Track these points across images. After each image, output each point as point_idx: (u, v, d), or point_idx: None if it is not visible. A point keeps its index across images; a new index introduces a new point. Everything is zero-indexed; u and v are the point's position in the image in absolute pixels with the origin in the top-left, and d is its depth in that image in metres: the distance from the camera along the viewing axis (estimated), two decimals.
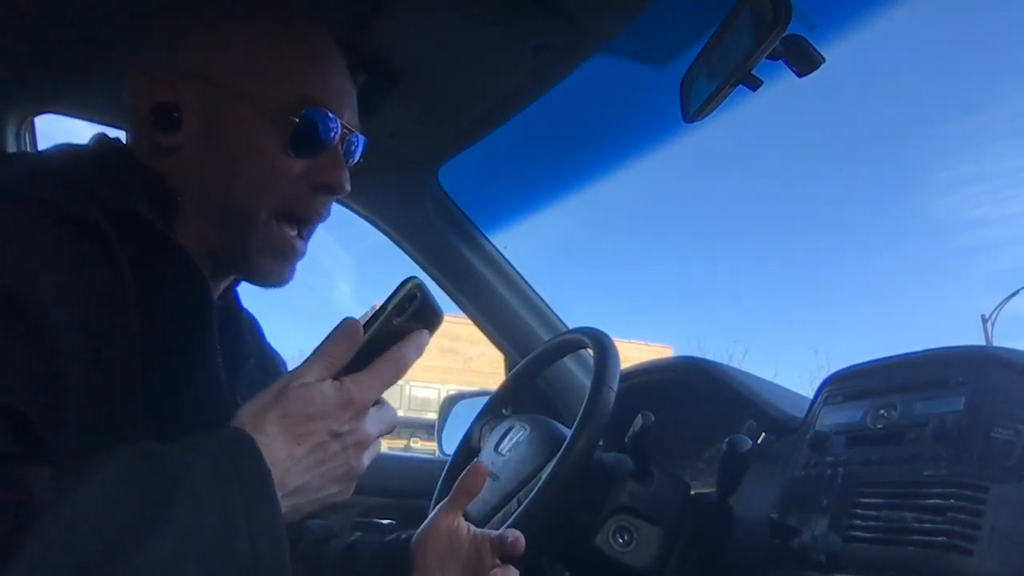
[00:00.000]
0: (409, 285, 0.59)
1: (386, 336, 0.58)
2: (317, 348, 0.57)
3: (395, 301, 0.58)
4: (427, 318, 0.60)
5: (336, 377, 0.56)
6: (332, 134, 0.70)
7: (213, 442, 0.49)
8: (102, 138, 0.69)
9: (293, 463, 0.52)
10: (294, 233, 0.71)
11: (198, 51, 0.68)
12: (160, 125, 0.67)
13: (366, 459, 0.58)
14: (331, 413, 0.54)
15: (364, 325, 0.58)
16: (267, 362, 0.80)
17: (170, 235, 0.62)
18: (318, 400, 0.54)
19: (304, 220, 0.71)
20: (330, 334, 0.57)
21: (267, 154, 0.67)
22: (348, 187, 0.72)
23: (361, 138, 0.75)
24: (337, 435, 0.55)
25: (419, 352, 0.59)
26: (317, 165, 0.69)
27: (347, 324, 0.57)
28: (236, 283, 0.76)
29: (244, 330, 0.78)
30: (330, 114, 0.69)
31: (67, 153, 0.66)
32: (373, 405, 0.58)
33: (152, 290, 0.58)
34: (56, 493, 0.42)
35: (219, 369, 0.64)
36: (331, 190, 0.71)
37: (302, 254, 0.72)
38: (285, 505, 0.51)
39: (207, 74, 0.67)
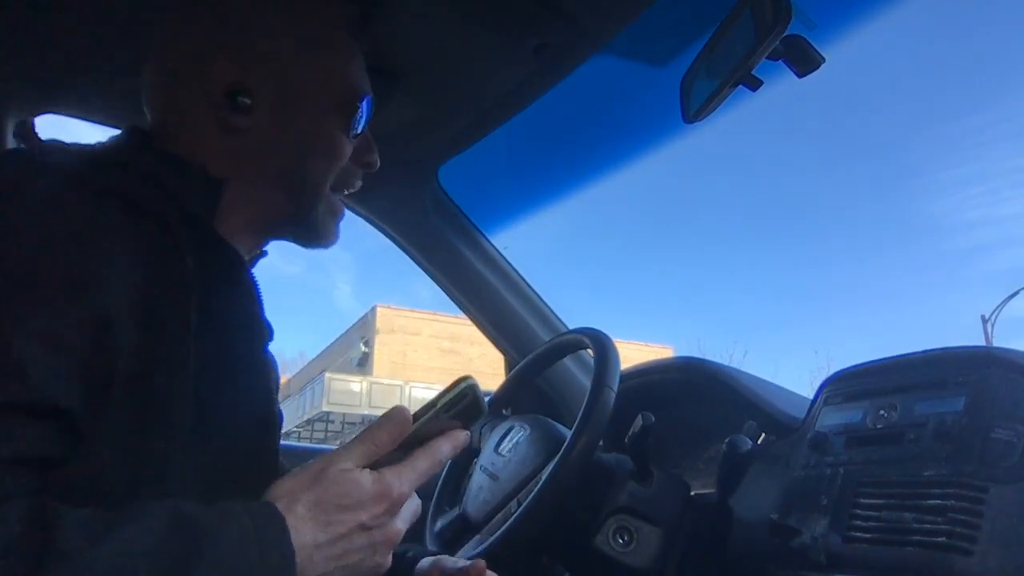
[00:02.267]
0: (464, 386, 0.60)
1: (427, 430, 0.59)
2: (363, 432, 0.57)
3: (448, 399, 0.60)
4: (470, 416, 0.61)
5: (374, 465, 0.56)
6: (368, 118, 0.77)
7: (245, 515, 0.49)
8: (137, 130, 0.70)
9: (316, 550, 0.52)
10: (339, 198, 0.79)
11: (265, 33, 0.70)
12: (231, 106, 0.68)
13: (391, 555, 0.57)
14: (365, 505, 0.54)
15: (413, 416, 0.58)
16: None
17: (219, 233, 0.65)
18: (354, 490, 0.53)
19: (342, 190, 0.79)
20: (378, 420, 0.58)
21: (334, 136, 0.73)
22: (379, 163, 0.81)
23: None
24: (366, 528, 0.54)
25: (456, 450, 0.60)
26: (360, 144, 0.78)
27: (397, 412, 0.57)
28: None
29: None
30: (369, 101, 0.77)
31: (117, 145, 0.67)
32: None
33: (207, 285, 0.59)
34: (82, 540, 0.42)
35: (270, 373, 0.68)
36: (371, 166, 0.80)
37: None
38: None
39: (279, 57, 0.70)
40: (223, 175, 0.68)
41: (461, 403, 0.60)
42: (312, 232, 0.76)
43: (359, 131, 0.76)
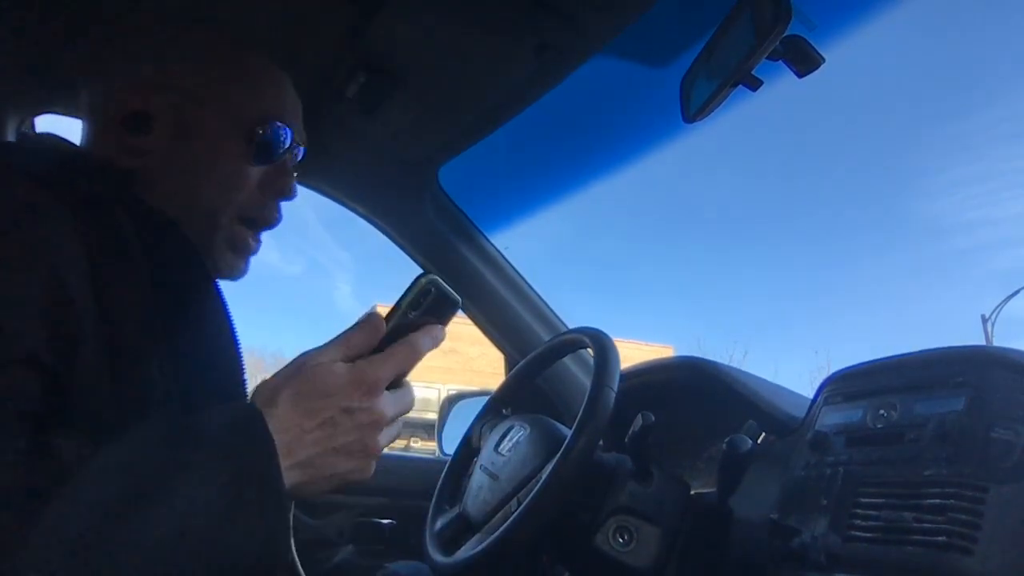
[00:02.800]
0: (423, 281, 0.62)
1: (404, 329, 0.61)
2: (338, 335, 0.60)
3: (409, 297, 0.62)
4: (443, 311, 0.64)
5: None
6: (286, 147, 0.78)
7: (225, 413, 0.54)
8: (46, 135, 0.75)
9: (304, 433, 0.55)
10: (251, 233, 0.79)
11: (170, 63, 0.74)
12: (131, 129, 0.72)
13: (383, 438, 0.60)
14: (343, 390, 0.56)
15: (384, 318, 0.61)
16: None
17: (156, 207, 0.68)
18: (330, 378, 0.56)
19: (259, 223, 0.80)
20: (353, 325, 0.60)
21: (233, 162, 0.75)
22: (296, 193, 0.81)
23: (302, 149, 0.83)
24: (349, 411, 0.56)
25: (435, 343, 0.62)
26: (271, 173, 0.78)
27: (371, 316, 0.61)
28: None
29: None
30: (286, 128, 0.78)
31: (36, 143, 0.73)
32: (393, 388, 0.60)
33: (154, 254, 0.64)
34: (78, 455, 0.47)
35: (230, 322, 0.71)
36: (283, 195, 0.80)
37: (256, 251, 0.81)
38: (297, 475, 0.54)
39: (179, 86, 0.73)
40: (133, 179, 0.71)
41: (426, 300, 0.62)
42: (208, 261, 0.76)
43: (272, 159, 0.77)
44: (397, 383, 0.61)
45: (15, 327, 0.51)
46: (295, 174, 0.81)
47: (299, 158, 0.82)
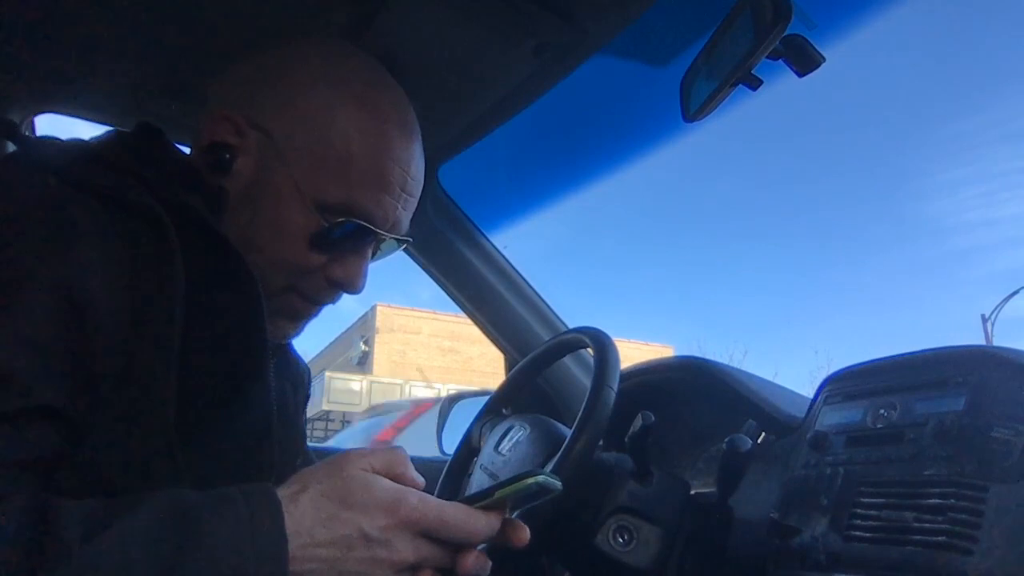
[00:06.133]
0: (531, 483, 0.53)
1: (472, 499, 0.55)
2: (397, 452, 0.54)
3: (511, 492, 0.53)
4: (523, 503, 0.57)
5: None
6: (363, 243, 0.69)
7: (241, 500, 0.48)
8: (145, 126, 0.69)
9: (313, 547, 0.48)
10: (307, 305, 0.71)
11: (275, 106, 0.66)
12: (212, 159, 0.66)
13: None
14: (369, 510, 0.49)
15: (471, 497, 0.55)
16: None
17: (222, 231, 0.61)
18: (361, 491, 0.50)
19: (317, 301, 0.71)
20: (442, 508, 0.52)
21: (292, 238, 0.66)
22: (363, 288, 0.71)
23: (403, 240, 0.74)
24: (366, 538, 0.49)
25: (491, 531, 0.54)
26: (339, 259, 0.69)
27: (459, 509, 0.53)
28: None
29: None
30: (366, 226, 0.68)
31: (109, 140, 0.66)
32: (463, 554, 0.53)
33: (201, 282, 0.57)
34: (81, 532, 0.43)
35: (268, 371, 0.63)
36: (344, 288, 0.70)
37: (313, 315, 0.73)
38: None
39: (272, 132, 0.66)
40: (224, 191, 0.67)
41: (528, 500, 0.56)
42: None
43: (329, 251, 0.67)
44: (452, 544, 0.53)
45: (30, 373, 0.47)
46: (365, 270, 0.71)
47: (393, 250, 0.75)
